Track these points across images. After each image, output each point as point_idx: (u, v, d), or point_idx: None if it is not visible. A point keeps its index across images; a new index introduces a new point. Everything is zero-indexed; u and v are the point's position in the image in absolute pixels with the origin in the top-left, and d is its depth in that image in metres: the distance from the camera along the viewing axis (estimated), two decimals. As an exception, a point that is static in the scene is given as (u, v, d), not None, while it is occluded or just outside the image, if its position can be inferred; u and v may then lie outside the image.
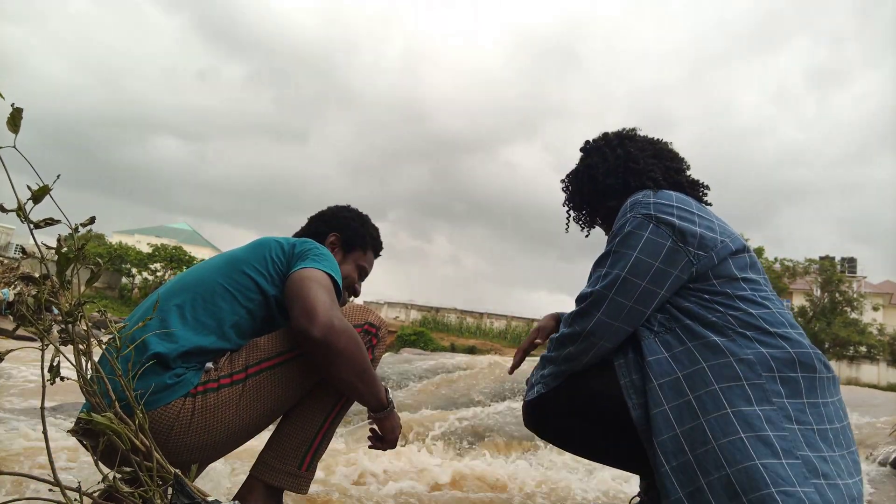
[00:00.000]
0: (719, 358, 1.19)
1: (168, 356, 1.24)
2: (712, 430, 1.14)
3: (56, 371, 0.98)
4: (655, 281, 1.27)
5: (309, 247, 1.44)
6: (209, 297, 1.34)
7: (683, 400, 1.19)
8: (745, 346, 1.20)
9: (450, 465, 2.58)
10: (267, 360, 1.33)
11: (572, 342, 1.33)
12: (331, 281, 1.34)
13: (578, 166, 1.62)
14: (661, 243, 1.28)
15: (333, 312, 1.25)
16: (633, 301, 1.27)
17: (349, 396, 1.41)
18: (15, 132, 0.90)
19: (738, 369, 1.17)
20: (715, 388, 1.16)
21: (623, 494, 2.36)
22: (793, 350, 1.20)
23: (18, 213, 0.93)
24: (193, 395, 1.27)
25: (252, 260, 1.40)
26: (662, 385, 1.21)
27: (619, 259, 1.29)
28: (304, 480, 1.36)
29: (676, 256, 1.28)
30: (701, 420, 1.15)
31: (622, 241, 1.31)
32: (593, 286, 1.31)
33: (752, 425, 1.12)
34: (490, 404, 4.51)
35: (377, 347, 1.43)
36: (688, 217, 1.32)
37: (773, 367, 1.18)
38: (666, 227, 1.29)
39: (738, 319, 1.24)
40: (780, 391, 1.16)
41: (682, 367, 1.21)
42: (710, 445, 1.13)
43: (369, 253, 1.74)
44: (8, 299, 17.19)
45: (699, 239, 1.29)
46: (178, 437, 1.25)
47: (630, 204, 1.37)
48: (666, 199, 1.36)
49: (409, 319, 28.01)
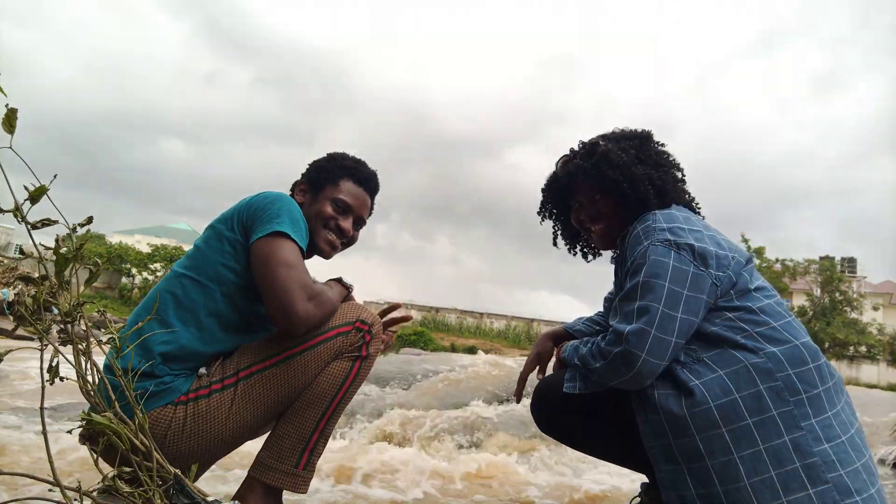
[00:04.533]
0: (750, 388, 1.19)
1: (151, 364, 1.25)
2: (745, 468, 1.15)
3: (55, 371, 0.98)
4: (690, 310, 1.24)
5: (258, 205, 1.37)
6: (182, 293, 1.34)
7: (716, 432, 1.18)
8: (774, 368, 1.19)
9: (458, 464, 2.58)
10: (257, 364, 1.33)
11: (614, 377, 1.27)
12: (292, 244, 1.31)
13: (591, 150, 1.52)
14: (685, 270, 1.25)
15: (308, 306, 1.28)
16: (674, 335, 1.22)
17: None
18: (10, 133, 0.90)
19: (768, 399, 1.17)
20: (748, 422, 1.17)
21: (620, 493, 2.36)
22: (813, 364, 1.21)
23: (15, 213, 0.92)
24: (185, 403, 1.27)
25: (212, 242, 1.39)
26: (694, 416, 1.20)
27: (650, 291, 1.24)
28: (302, 479, 1.36)
29: (701, 282, 1.25)
30: (734, 456, 1.16)
31: (649, 272, 1.25)
32: (629, 322, 1.25)
33: (781, 461, 1.14)
34: (491, 404, 4.50)
35: (370, 344, 1.41)
36: (700, 237, 1.30)
37: (800, 389, 1.19)
38: (686, 251, 1.26)
39: (763, 336, 1.24)
40: (808, 413, 1.18)
41: (714, 397, 1.20)
42: (742, 483, 1.15)
43: (344, 182, 1.55)
44: (7, 299, 17.16)
45: (716, 259, 1.28)
46: (172, 443, 1.25)
47: (643, 231, 1.33)
48: (675, 220, 1.33)
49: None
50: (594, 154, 1.49)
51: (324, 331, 1.36)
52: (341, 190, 1.54)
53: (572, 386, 1.40)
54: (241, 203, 1.42)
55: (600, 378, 1.31)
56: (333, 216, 1.53)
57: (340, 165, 1.57)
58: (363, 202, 1.59)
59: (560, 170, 1.60)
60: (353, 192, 1.56)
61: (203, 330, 1.33)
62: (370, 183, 1.61)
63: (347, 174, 1.56)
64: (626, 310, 1.27)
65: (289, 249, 1.31)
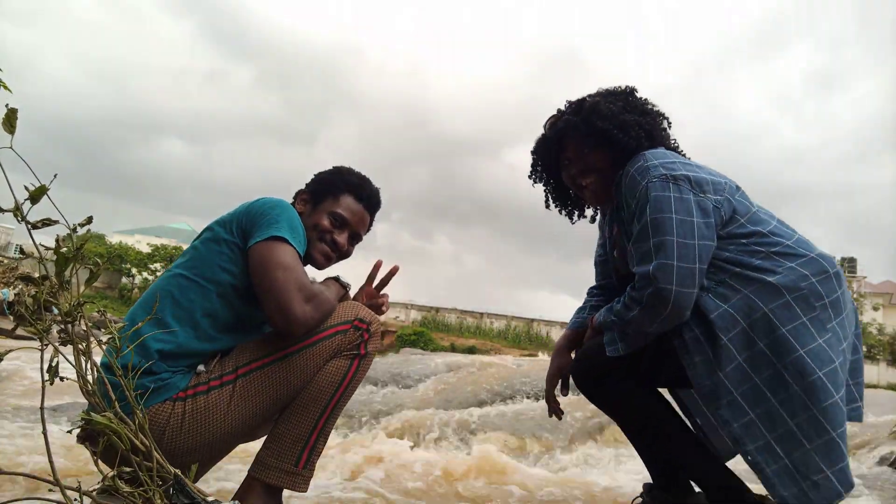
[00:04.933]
0: (777, 299, 1.25)
1: (149, 361, 1.25)
2: (791, 375, 1.21)
3: (55, 371, 0.98)
4: (703, 235, 1.29)
5: (257, 210, 1.39)
6: (179, 292, 1.35)
7: (756, 350, 1.24)
8: (797, 279, 1.27)
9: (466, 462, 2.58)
10: (256, 361, 1.34)
11: (654, 318, 1.29)
12: (290, 248, 1.33)
13: (577, 108, 1.54)
14: (686, 199, 1.29)
15: (306, 308, 1.29)
16: (696, 262, 1.27)
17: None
18: (11, 132, 0.90)
19: (797, 308, 1.25)
20: (782, 331, 1.23)
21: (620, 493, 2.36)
22: (831, 270, 1.30)
23: (15, 213, 0.92)
24: (183, 399, 1.28)
25: (210, 244, 1.40)
26: (732, 339, 1.25)
27: (661, 226, 1.27)
28: (301, 478, 1.36)
29: (705, 207, 1.30)
30: (778, 366, 1.23)
31: (654, 209, 1.29)
32: (649, 261, 1.28)
33: (823, 360, 1.22)
34: (491, 404, 4.51)
35: (369, 342, 1.41)
36: (691, 168, 1.35)
37: (822, 293, 1.27)
38: (684, 181, 1.31)
39: (780, 254, 1.31)
40: (830, 315, 1.26)
41: (745, 317, 1.25)
42: (794, 389, 1.21)
43: (344, 197, 1.57)
44: (8, 299, 17.18)
45: (712, 185, 1.34)
46: (170, 440, 1.25)
47: (637, 172, 1.36)
48: (665, 156, 1.37)
49: (409, 319, 28.00)
50: (582, 109, 1.52)
51: (322, 329, 1.36)
52: (340, 204, 1.56)
53: (614, 348, 1.41)
54: (240, 208, 1.43)
55: (640, 326, 1.33)
56: (329, 230, 1.54)
57: (344, 181, 1.59)
58: (361, 218, 1.60)
59: (548, 130, 1.61)
60: (351, 207, 1.58)
61: (198, 329, 1.34)
62: (371, 200, 1.63)
63: (349, 190, 1.59)
64: (643, 250, 1.30)
65: (287, 252, 1.32)
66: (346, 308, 1.42)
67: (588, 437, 3.66)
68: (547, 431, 3.62)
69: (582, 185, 1.54)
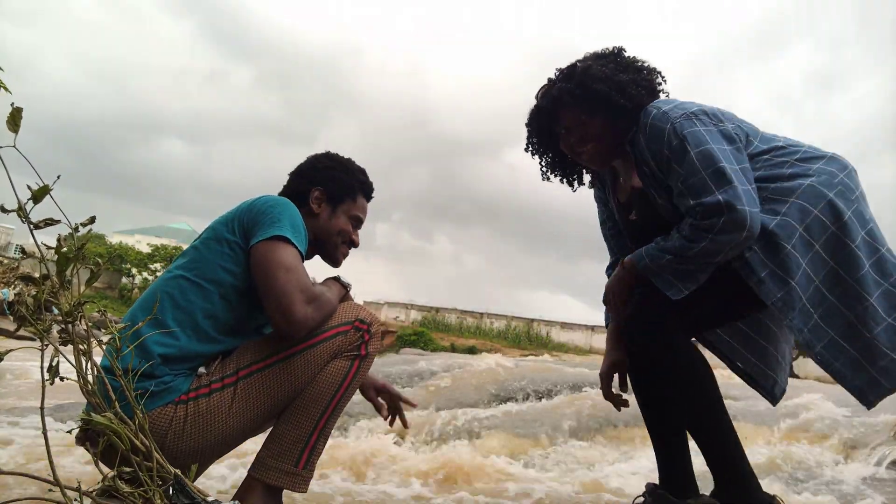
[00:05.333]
0: (822, 199, 1.31)
1: (151, 365, 1.24)
2: (845, 271, 1.29)
3: (55, 371, 0.98)
4: (741, 159, 1.33)
5: (259, 209, 1.38)
6: (179, 294, 1.34)
7: (814, 252, 1.30)
8: (830, 177, 1.33)
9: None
10: (257, 363, 1.34)
11: (726, 244, 1.27)
12: (293, 248, 1.33)
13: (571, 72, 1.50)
14: (711, 130, 1.34)
15: (307, 310, 1.29)
16: (749, 183, 1.30)
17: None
18: (15, 132, 0.90)
19: (841, 205, 1.30)
20: (832, 230, 1.30)
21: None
22: (851, 167, 1.38)
23: (18, 213, 0.93)
24: (185, 402, 1.27)
25: (212, 244, 1.39)
26: (795, 245, 1.30)
27: (708, 156, 1.29)
28: (301, 479, 1.36)
29: (728, 134, 1.35)
30: (832, 264, 1.30)
31: (694, 143, 1.31)
32: (711, 192, 1.27)
33: (873, 250, 1.31)
34: (491, 404, 4.51)
35: (370, 343, 1.41)
36: (698, 104, 1.39)
37: (853, 186, 1.35)
38: (702, 115, 1.35)
39: (804, 160, 1.37)
40: (867, 206, 1.36)
41: (800, 222, 1.30)
42: (848, 284, 1.29)
43: (360, 199, 1.63)
44: (8, 299, 17.17)
45: (722, 114, 1.39)
46: (172, 443, 1.25)
47: (656, 119, 1.37)
48: (672, 101, 1.42)
49: (409, 319, 28.00)
50: (574, 74, 1.49)
51: (323, 330, 1.36)
52: (358, 207, 1.63)
53: (677, 289, 1.34)
54: (241, 206, 1.43)
55: (709, 256, 1.30)
56: (351, 232, 1.61)
57: (357, 180, 1.63)
58: (366, 214, 1.69)
59: (541, 99, 1.57)
60: (364, 207, 1.66)
61: (199, 332, 1.33)
62: (371, 195, 1.69)
63: (361, 190, 1.64)
64: (697, 184, 1.30)
65: (289, 253, 1.32)
66: (347, 309, 1.43)
67: (588, 437, 3.67)
68: (547, 431, 3.62)
69: (582, 152, 1.52)
